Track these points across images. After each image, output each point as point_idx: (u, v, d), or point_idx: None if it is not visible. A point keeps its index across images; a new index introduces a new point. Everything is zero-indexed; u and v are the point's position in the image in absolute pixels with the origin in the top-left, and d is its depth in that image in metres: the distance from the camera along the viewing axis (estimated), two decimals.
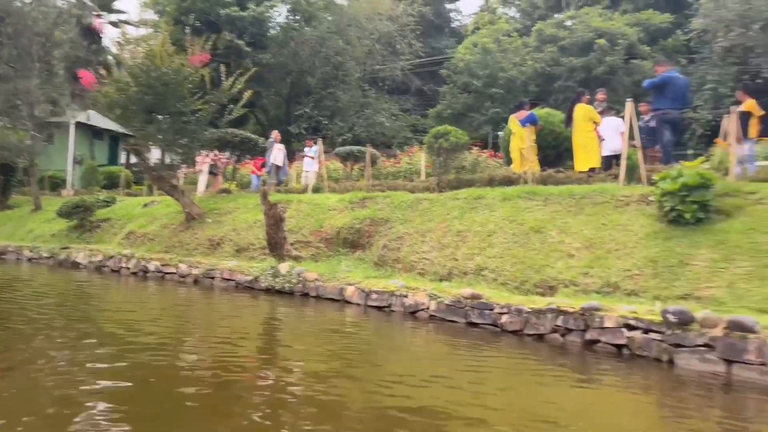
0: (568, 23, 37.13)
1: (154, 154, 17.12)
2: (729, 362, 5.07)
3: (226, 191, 14.44)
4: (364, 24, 35.77)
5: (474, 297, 7.34)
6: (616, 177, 9.24)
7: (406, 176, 16.01)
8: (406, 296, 8.05)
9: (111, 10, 35.71)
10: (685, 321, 5.45)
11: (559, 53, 35.01)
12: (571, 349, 6.23)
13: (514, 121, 11.26)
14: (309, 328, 7.66)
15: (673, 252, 6.96)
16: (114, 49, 17.97)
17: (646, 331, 5.74)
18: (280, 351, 6.36)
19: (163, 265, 11.39)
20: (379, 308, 8.30)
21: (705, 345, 5.26)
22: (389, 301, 8.23)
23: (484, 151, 16.63)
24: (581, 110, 10.46)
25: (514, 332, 6.82)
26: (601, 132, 10.61)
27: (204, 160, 15.41)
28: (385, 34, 36.34)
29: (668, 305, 5.90)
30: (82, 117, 25.19)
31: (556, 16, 39.55)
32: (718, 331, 5.19)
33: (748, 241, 6.60)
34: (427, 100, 41.05)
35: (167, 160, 12.53)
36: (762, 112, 9.34)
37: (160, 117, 11.59)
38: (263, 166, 16.14)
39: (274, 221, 10.24)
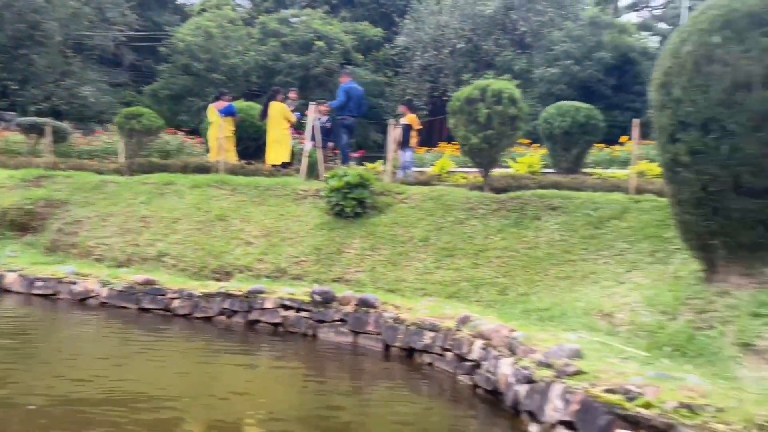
0: (293, 20, 38.43)
1: None
2: (356, 333, 6.04)
3: None
4: None
5: (147, 283, 7.34)
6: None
7: (103, 156, 14.90)
8: (75, 283, 7.64)
9: None
10: (327, 300, 6.31)
11: (281, 49, 36.04)
12: (236, 330, 6.69)
13: (212, 111, 11.41)
14: None
15: (334, 241, 7.93)
16: None
17: (298, 310, 6.48)
18: None
19: None
20: (44, 296, 7.72)
21: (340, 320, 6.17)
22: (56, 289, 7.71)
23: (189, 137, 16.36)
24: (276, 108, 11.08)
25: (184, 316, 7.03)
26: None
27: None
28: None
29: (324, 287, 6.75)
30: None
31: (282, 11, 40.50)
32: (350, 308, 6.14)
33: (389, 233, 7.86)
34: (144, 77, 38.51)
35: None
36: (420, 126, 11.13)
37: None
38: None
39: None
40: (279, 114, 11.24)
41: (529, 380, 3.60)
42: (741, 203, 3.97)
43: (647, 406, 2.86)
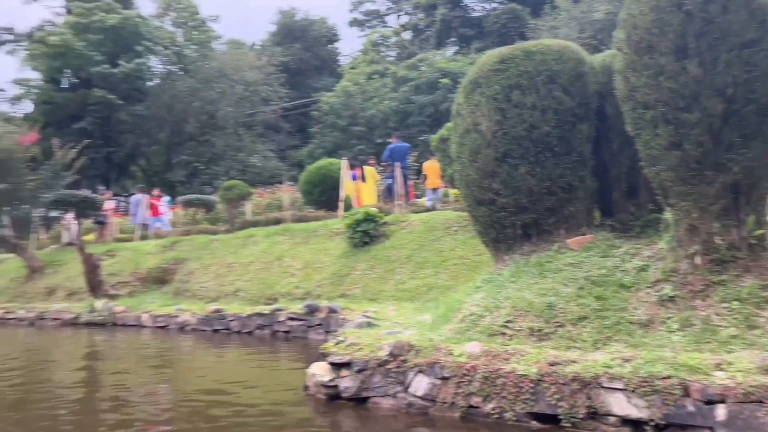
0: (420, 64, 41.65)
1: None
2: (326, 332, 8.24)
3: (71, 244, 16.75)
4: (232, 75, 38.72)
5: (217, 311, 10.29)
6: None
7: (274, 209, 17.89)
8: (177, 316, 10.88)
9: None
10: (312, 310, 8.62)
11: (413, 92, 39.36)
12: (263, 338, 9.26)
13: (367, 170, 14.15)
14: (111, 350, 10.28)
15: (345, 266, 10.22)
16: None
17: (299, 320, 8.87)
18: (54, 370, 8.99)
19: (6, 312, 13.63)
20: (162, 327, 11.07)
21: (318, 324, 8.44)
22: (168, 322, 11.02)
23: None
24: (368, 170, 13.82)
25: (237, 332, 9.80)
26: None
27: (69, 219, 17.65)
28: (252, 82, 39.44)
29: (332, 303, 9.07)
30: None
31: (420, 56, 43.61)
32: (324, 315, 8.38)
33: (385, 255, 9.93)
34: (305, 137, 44.42)
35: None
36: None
37: None
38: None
39: (91, 268, 12.82)
40: (369, 174, 13.92)
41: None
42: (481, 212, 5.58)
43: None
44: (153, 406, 5.56)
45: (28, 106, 41.22)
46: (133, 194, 18.57)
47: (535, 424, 3.61)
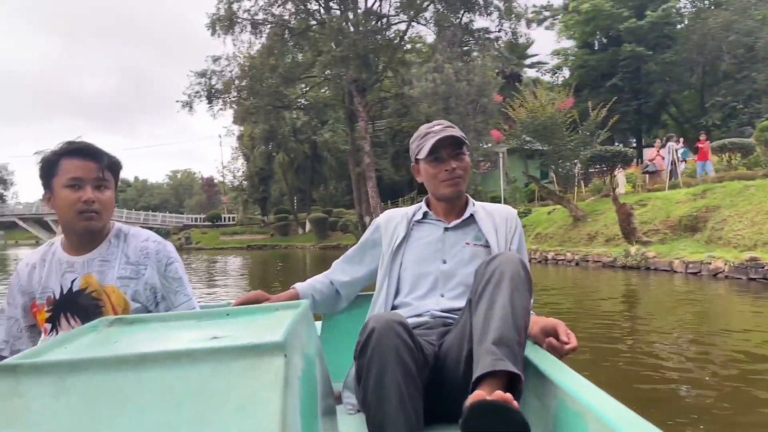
0: None
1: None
2: None
3: (606, 195, 18.32)
4: None
5: (752, 260, 9.83)
6: None
7: None
8: (710, 263, 10.88)
9: (526, 57, 43.13)
10: None
11: None
12: None
13: None
14: (651, 293, 11.32)
15: None
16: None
17: None
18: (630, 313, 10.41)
19: (556, 255, 16.24)
20: (694, 274, 11.28)
21: None
22: (699, 268, 11.14)
23: None
24: None
25: None
26: None
27: (618, 172, 19.63)
28: None
29: None
30: (513, 144, 31.85)
31: None
32: None
33: None
34: None
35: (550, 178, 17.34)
36: None
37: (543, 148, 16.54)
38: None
39: (625, 216, 13.93)
40: None
41: None
42: None
43: None
44: (695, 345, 6.12)
45: (564, 73, 45.91)
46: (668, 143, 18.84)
47: None
